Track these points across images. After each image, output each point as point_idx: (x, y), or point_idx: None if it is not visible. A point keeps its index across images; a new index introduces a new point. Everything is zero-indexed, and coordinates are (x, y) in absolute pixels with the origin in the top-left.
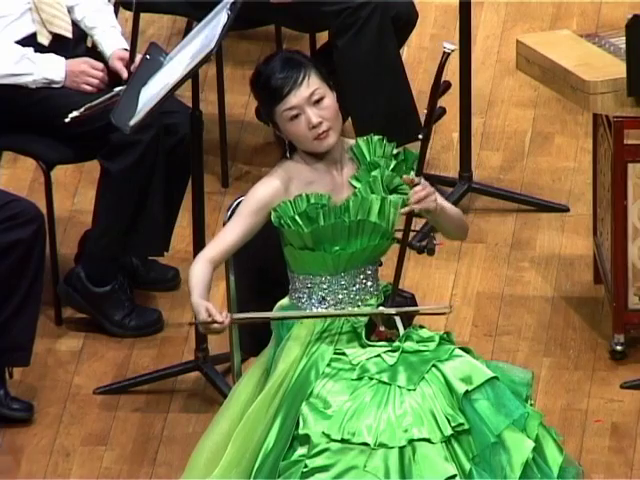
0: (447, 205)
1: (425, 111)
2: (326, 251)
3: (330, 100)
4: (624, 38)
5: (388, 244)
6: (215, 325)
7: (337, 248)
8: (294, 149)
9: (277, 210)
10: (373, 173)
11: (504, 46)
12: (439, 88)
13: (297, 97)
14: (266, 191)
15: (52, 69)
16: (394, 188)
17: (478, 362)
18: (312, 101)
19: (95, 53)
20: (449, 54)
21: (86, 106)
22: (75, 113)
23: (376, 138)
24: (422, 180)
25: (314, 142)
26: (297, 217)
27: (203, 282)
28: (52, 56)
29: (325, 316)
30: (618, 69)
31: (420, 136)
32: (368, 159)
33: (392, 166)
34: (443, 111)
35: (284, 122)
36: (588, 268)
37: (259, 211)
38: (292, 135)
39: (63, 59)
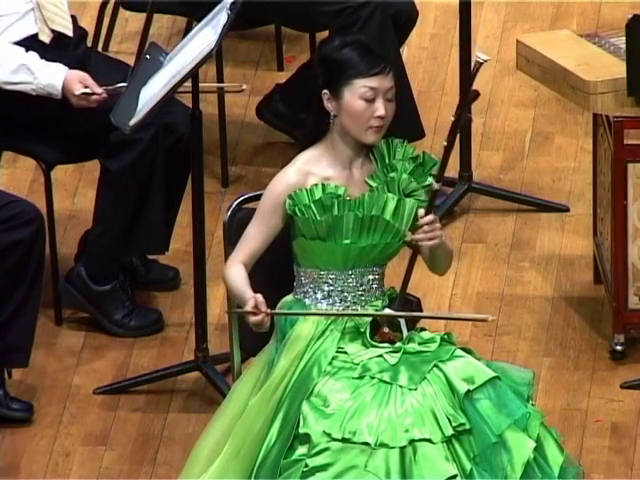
0: (446, 242)
1: (452, 118)
2: (337, 243)
3: (393, 105)
4: (624, 38)
5: (399, 245)
6: (256, 318)
7: (348, 241)
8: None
9: (293, 198)
10: (390, 175)
11: (504, 46)
12: (469, 97)
13: (381, 82)
14: (283, 188)
15: (50, 81)
16: (409, 193)
17: (479, 362)
18: (387, 96)
19: (95, 53)
20: (482, 64)
21: (104, 88)
22: (86, 89)
23: (397, 140)
24: (433, 217)
25: (367, 131)
26: (312, 205)
27: (245, 278)
28: (52, 67)
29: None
30: (618, 69)
31: (445, 143)
32: (387, 161)
33: (410, 169)
34: (469, 121)
35: (353, 96)
36: (588, 268)
37: (278, 209)
38: (351, 112)
39: (64, 71)
